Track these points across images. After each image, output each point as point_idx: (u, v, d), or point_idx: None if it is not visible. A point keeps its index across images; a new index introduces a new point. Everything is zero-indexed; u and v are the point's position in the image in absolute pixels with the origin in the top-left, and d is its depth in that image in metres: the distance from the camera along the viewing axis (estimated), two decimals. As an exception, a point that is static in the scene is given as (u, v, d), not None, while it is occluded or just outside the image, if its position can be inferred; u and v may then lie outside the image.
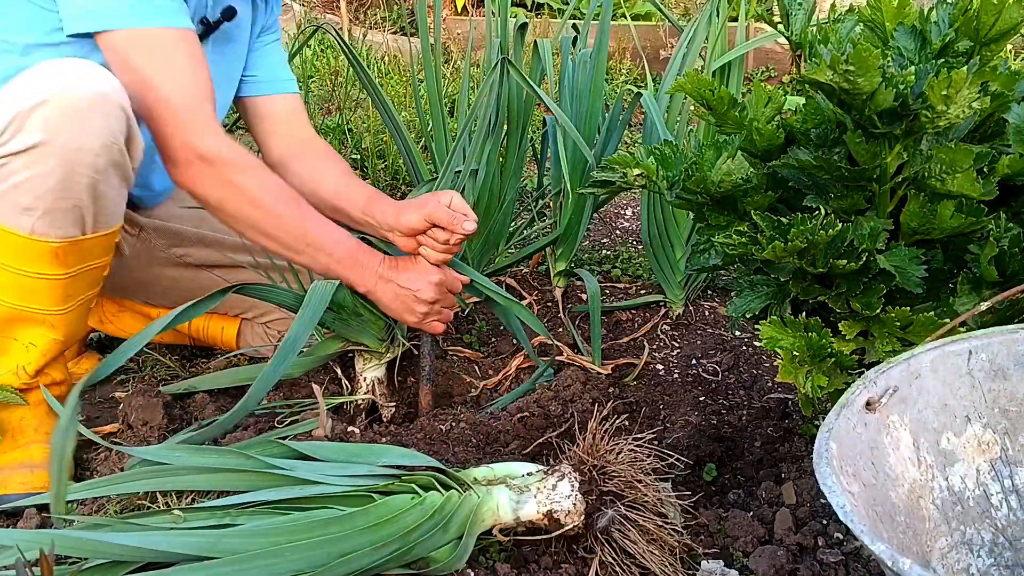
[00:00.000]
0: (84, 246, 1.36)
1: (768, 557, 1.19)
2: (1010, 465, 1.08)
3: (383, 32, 4.35)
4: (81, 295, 1.42)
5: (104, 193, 1.34)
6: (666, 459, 1.31)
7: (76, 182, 1.29)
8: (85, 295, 1.43)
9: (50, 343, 1.42)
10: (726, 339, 1.94)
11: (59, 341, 1.43)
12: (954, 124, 1.08)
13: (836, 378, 1.18)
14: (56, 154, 1.26)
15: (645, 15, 4.68)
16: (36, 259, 1.33)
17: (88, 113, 1.27)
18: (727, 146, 1.25)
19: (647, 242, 2.04)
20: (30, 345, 1.41)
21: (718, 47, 1.98)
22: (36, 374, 1.43)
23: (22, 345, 1.40)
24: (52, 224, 1.30)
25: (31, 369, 1.42)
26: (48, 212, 1.29)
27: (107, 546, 1.07)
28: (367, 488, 1.19)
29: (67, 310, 1.40)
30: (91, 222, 1.35)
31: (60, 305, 1.39)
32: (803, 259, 1.16)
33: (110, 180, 1.33)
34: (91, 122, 1.27)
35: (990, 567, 1.06)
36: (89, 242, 1.36)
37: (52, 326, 1.40)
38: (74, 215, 1.32)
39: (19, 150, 1.26)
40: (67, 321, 1.42)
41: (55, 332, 1.41)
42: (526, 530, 1.22)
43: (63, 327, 1.42)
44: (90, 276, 1.42)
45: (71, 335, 1.46)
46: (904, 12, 1.22)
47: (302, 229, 1.48)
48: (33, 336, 1.40)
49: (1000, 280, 1.14)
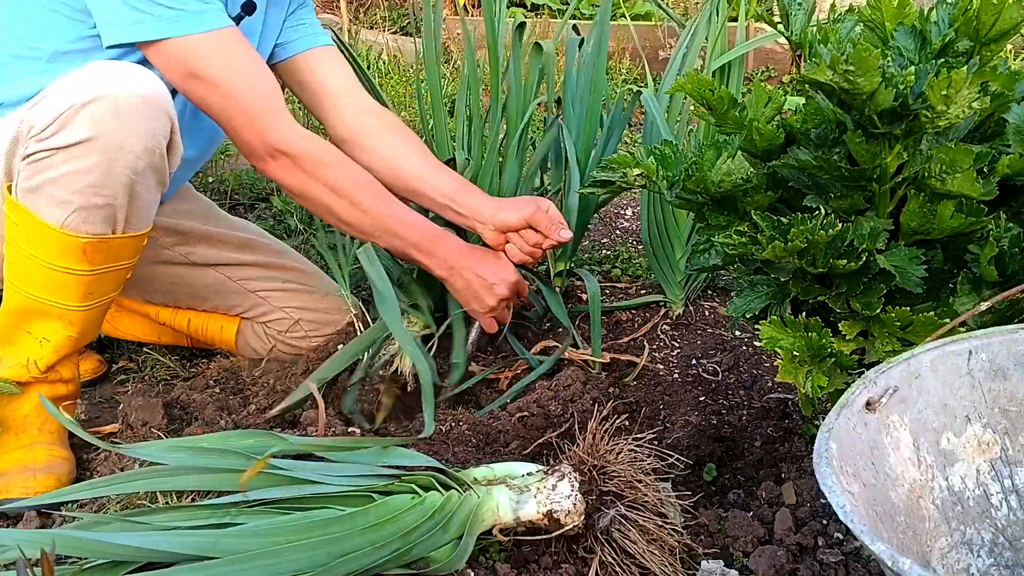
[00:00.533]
0: (113, 245, 1.38)
1: (768, 557, 1.19)
2: (1010, 465, 1.08)
3: (383, 32, 4.35)
4: (103, 296, 1.43)
5: (140, 194, 1.36)
6: (666, 459, 1.30)
7: (114, 181, 1.31)
8: (106, 296, 1.44)
9: (64, 340, 1.43)
10: (726, 339, 1.94)
11: (73, 339, 1.44)
12: (954, 124, 1.08)
13: (836, 378, 1.18)
14: (99, 151, 1.29)
15: (645, 15, 4.69)
16: (65, 253, 1.35)
17: (135, 114, 1.30)
18: (727, 146, 1.25)
19: (647, 242, 2.04)
20: (44, 340, 1.42)
21: (718, 47, 1.98)
22: (47, 370, 1.44)
23: (36, 339, 1.41)
24: (85, 220, 1.33)
25: (42, 364, 1.43)
26: (83, 208, 1.32)
27: (107, 546, 1.07)
28: (367, 488, 1.19)
29: (87, 308, 1.42)
30: (123, 222, 1.37)
31: (81, 302, 1.40)
32: (803, 259, 1.16)
33: (147, 182, 1.35)
34: (137, 123, 1.30)
35: (990, 567, 1.06)
36: (118, 242, 1.38)
37: (70, 322, 1.42)
38: (107, 213, 1.34)
39: (64, 145, 1.28)
40: (84, 319, 1.43)
41: (71, 329, 1.42)
42: (526, 530, 1.22)
43: (80, 325, 1.43)
44: (114, 277, 1.43)
45: (86, 334, 1.46)
46: (904, 12, 1.22)
47: (378, 216, 1.57)
48: (48, 331, 1.41)
49: (1000, 280, 1.14)
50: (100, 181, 1.30)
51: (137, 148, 1.30)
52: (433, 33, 1.96)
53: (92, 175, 1.30)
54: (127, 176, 1.32)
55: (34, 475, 1.39)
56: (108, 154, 1.29)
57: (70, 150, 1.28)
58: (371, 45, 3.89)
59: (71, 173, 1.29)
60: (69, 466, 1.44)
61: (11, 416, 1.45)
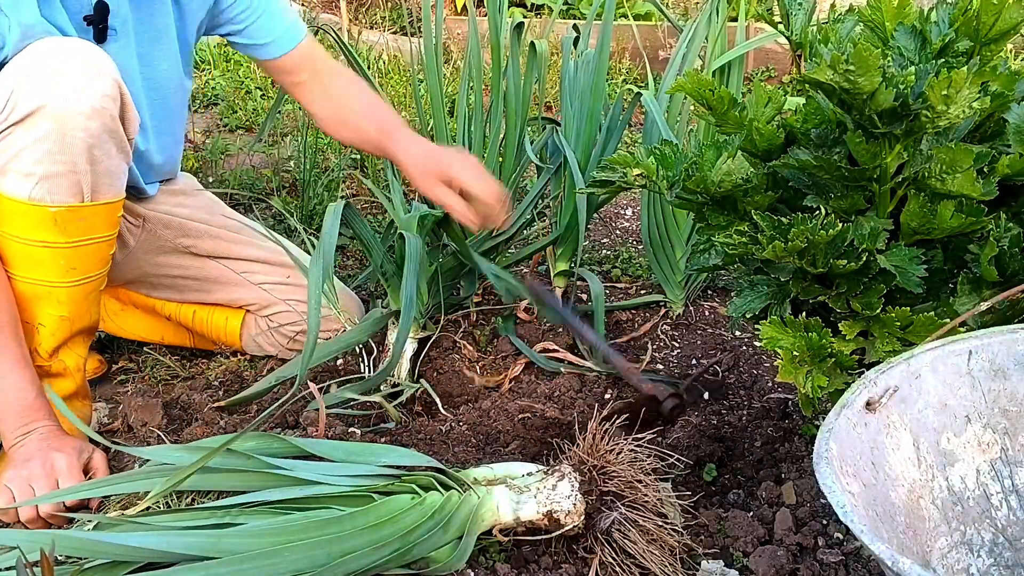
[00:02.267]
0: (84, 214, 1.40)
1: (768, 557, 1.19)
2: (1010, 465, 1.08)
3: (383, 32, 4.35)
4: (86, 272, 1.45)
5: (100, 160, 1.38)
6: (666, 459, 1.31)
7: (71, 145, 1.34)
8: (91, 273, 1.46)
9: (57, 321, 1.44)
10: (726, 339, 1.94)
11: (65, 319, 1.45)
12: (954, 124, 1.08)
13: (836, 378, 1.18)
14: (49, 117, 1.32)
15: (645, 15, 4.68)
16: (37, 225, 1.37)
17: (77, 76, 1.33)
18: (727, 146, 1.25)
19: (647, 242, 2.04)
20: (40, 325, 1.44)
21: (718, 47, 1.98)
22: (49, 356, 1.45)
23: (32, 327, 1.44)
24: (51, 191, 1.36)
25: (42, 350, 1.45)
26: (45, 178, 1.35)
27: (107, 546, 1.07)
28: (367, 488, 1.19)
29: (72, 284, 1.43)
30: (89, 190, 1.39)
31: (64, 277, 1.42)
32: (803, 259, 1.16)
33: (105, 147, 1.38)
34: (81, 84, 1.33)
35: (990, 567, 1.06)
36: (88, 210, 1.40)
37: (59, 301, 1.44)
38: (71, 181, 1.37)
39: (17, 120, 1.32)
40: (72, 297, 1.45)
41: (61, 308, 1.44)
42: (526, 530, 1.22)
43: (69, 303, 1.45)
44: (95, 251, 1.45)
45: (77, 314, 1.47)
46: (904, 12, 1.22)
47: None
48: (41, 315, 1.44)
49: (1000, 280, 1.14)
50: (56, 147, 1.33)
51: (85, 108, 1.33)
52: (433, 33, 1.96)
53: (48, 141, 1.33)
54: (82, 140, 1.34)
55: None
56: (58, 119, 1.32)
57: (23, 123, 1.32)
58: (371, 45, 3.89)
59: (28, 145, 1.33)
60: None
61: None
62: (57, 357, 1.48)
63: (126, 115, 1.41)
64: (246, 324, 1.85)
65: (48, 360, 1.46)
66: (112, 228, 1.47)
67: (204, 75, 3.71)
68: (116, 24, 1.52)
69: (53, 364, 1.47)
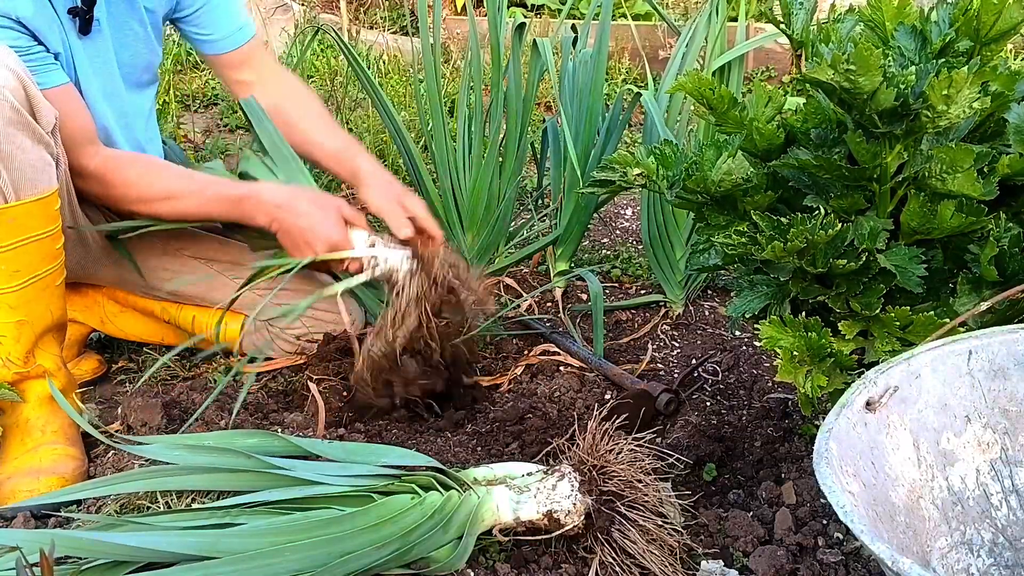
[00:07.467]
0: (11, 215, 1.35)
1: (768, 557, 1.19)
2: (1010, 465, 1.08)
3: (383, 32, 4.35)
4: (32, 271, 1.40)
5: (12, 155, 1.32)
6: (666, 459, 1.30)
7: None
8: (38, 271, 1.41)
9: (14, 327, 1.40)
10: (726, 339, 1.94)
11: (24, 323, 1.41)
12: (954, 124, 1.08)
13: (836, 378, 1.18)
14: None
15: (645, 15, 4.68)
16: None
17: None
18: (727, 146, 1.25)
19: (647, 242, 2.04)
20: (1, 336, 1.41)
21: (718, 47, 1.98)
22: (24, 362, 1.42)
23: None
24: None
25: (14, 357, 1.41)
26: None
27: (107, 546, 1.07)
28: (367, 488, 1.19)
29: (19, 286, 1.39)
30: (11, 189, 1.34)
31: (8, 282, 1.38)
32: (803, 259, 1.16)
33: (16, 140, 1.32)
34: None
35: (990, 567, 1.06)
36: (15, 210, 1.35)
37: (10, 306, 1.39)
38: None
39: None
40: (24, 299, 1.40)
41: (14, 313, 1.40)
42: (526, 530, 1.22)
43: (21, 306, 1.40)
44: (35, 250, 1.40)
45: (35, 315, 1.43)
46: (904, 12, 1.22)
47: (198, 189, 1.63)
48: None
49: (1000, 280, 1.14)
50: None
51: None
52: (433, 33, 1.96)
53: None
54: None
55: (37, 477, 1.39)
56: None
57: None
58: (371, 45, 3.88)
59: None
60: (76, 463, 1.43)
61: (14, 421, 1.45)
62: (33, 361, 1.44)
63: (35, 108, 1.35)
64: (246, 328, 1.84)
65: (25, 367, 1.43)
66: (52, 223, 1.42)
67: (204, 75, 3.70)
68: (100, 15, 1.53)
69: (32, 369, 1.44)
